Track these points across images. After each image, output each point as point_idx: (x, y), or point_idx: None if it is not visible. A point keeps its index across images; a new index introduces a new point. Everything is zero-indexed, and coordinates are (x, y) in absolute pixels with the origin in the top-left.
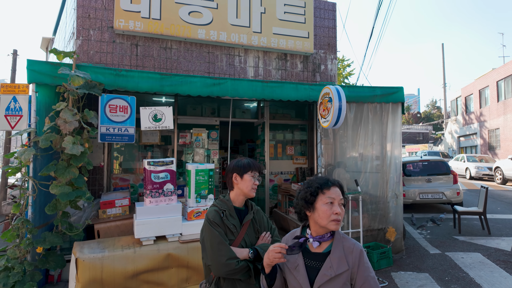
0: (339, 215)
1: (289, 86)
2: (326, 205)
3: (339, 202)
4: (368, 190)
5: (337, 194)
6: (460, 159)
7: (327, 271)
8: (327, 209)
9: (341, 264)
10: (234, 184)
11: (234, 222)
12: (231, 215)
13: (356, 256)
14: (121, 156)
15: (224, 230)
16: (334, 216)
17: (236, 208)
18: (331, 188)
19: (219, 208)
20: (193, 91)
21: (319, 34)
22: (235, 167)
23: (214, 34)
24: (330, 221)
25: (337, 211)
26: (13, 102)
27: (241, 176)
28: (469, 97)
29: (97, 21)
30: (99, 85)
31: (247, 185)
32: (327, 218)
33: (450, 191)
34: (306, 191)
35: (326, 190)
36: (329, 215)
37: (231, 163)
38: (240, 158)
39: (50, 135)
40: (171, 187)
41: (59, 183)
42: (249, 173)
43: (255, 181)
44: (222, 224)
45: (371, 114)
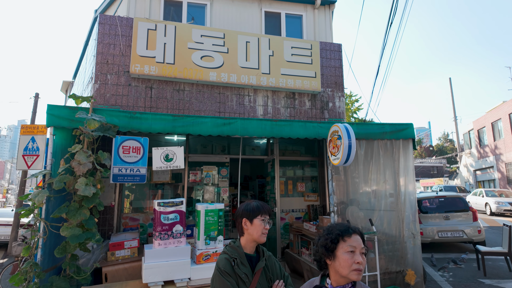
0: (360, 264)
1: (298, 124)
2: (347, 253)
3: (360, 250)
4: (383, 229)
5: (359, 242)
6: (479, 193)
7: None
8: (348, 257)
9: None
10: (244, 229)
11: (245, 270)
12: (243, 263)
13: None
14: (132, 195)
15: (235, 280)
16: (356, 266)
17: (247, 255)
18: (352, 235)
19: (230, 256)
20: (204, 131)
21: (326, 73)
22: (244, 212)
23: (225, 76)
24: (352, 270)
25: (359, 260)
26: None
27: (251, 221)
28: (481, 130)
29: (114, 66)
30: (113, 127)
31: (257, 230)
32: (348, 267)
33: (471, 229)
34: (327, 238)
35: (347, 238)
36: (350, 264)
37: (240, 207)
38: (249, 201)
39: (64, 176)
40: (180, 229)
41: (70, 225)
42: (259, 217)
43: (265, 225)
44: (233, 274)
45: (381, 151)
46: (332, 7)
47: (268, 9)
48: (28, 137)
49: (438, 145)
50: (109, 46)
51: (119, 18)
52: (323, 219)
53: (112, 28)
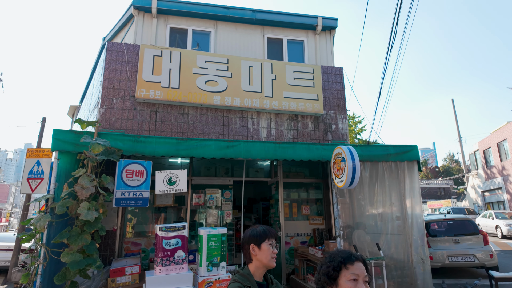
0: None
1: (301, 146)
2: (350, 282)
3: (363, 279)
4: (391, 254)
5: (362, 270)
6: (488, 216)
7: None
8: (351, 286)
9: None
10: (252, 255)
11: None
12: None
13: None
14: (134, 219)
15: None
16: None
17: (258, 283)
18: (355, 263)
19: (243, 284)
20: (208, 154)
21: (328, 96)
22: (251, 237)
23: (228, 100)
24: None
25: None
26: (36, 166)
27: (259, 246)
28: (487, 151)
29: (120, 91)
30: (117, 151)
31: (266, 255)
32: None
33: (482, 253)
34: (329, 265)
35: (350, 265)
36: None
37: (246, 233)
38: (254, 227)
39: (66, 201)
40: (182, 255)
41: (70, 251)
42: (266, 241)
43: (273, 249)
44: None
45: (386, 173)
46: (332, 32)
47: (270, 35)
48: (33, 160)
49: (444, 166)
50: (116, 71)
51: (126, 45)
52: (329, 244)
53: (119, 54)
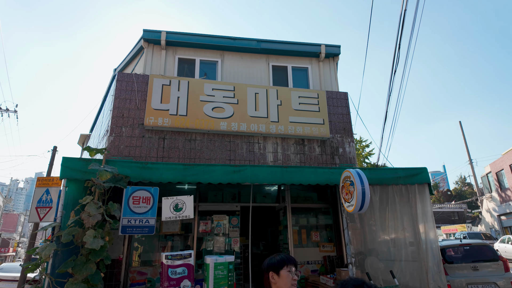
0: None
1: (308, 170)
2: None
3: None
4: (407, 281)
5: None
6: (507, 241)
7: None
8: None
9: None
10: (272, 283)
11: None
12: None
13: None
14: (141, 247)
15: None
16: None
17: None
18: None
19: None
20: (214, 179)
21: (334, 120)
22: (270, 265)
23: (235, 126)
24: None
25: None
26: (45, 195)
27: (278, 274)
28: (500, 173)
29: (129, 119)
30: (125, 178)
31: (285, 282)
32: None
33: (503, 280)
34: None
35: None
36: None
37: (265, 262)
38: (273, 256)
39: (73, 229)
40: (189, 284)
41: (75, 281)
42: (285, 268)
43: (293, 276)
44: None
45: (397, 197)
46: (336, 59)
47: (275, 63)
48: (43, 189)
49: (456, 189)
50: (125, 101)
51: (135, 75)
52: (340, 272)
53: (128, 84)
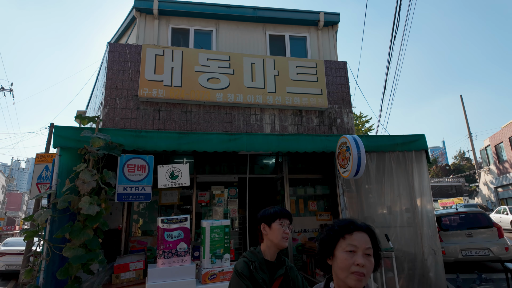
0: (362, 267)
1: (305, 138)
2: (346, 253)
3: (364, 251)
4: (402, 246)
5: (362, 241)
6: (503, 211)
7: None
8: (346, 257)
9: None
10: (264, 235)
11: (264, 276)
12: (262, 268)
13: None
14: (141, 219)
15: (252, 284)
16: (355, 268)
17: (267, 262)
18: (354, 233)
19: (249, 260)
20: (210, 147)
21: (332, 90)
22: (262, 217)
23: (231, 97)
24: (350, 273)
25: (359, 261)
26: (45, 171)
27: (269, 226)
28: (499, 146)
29: (123, 91)
30: (119, 146)
31: (276, 234)
32: (346, 269)
33: (497, 246)
34: (326, 234)
35: (348, 235)
36: (348, 266)
37: (259, 214)
38: (268, 208)
39: (68, 196)
40: (185, 247)
41: (72, 245)
42: (277, 221)
43: (285, 230)
44: (251, 277)
45: (394, 163)
46: (335, 27)
47: (272, 32)
48: (42, 166)
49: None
50: (118, 72)
51: (128, 46)
52: None
53: (121, 55)
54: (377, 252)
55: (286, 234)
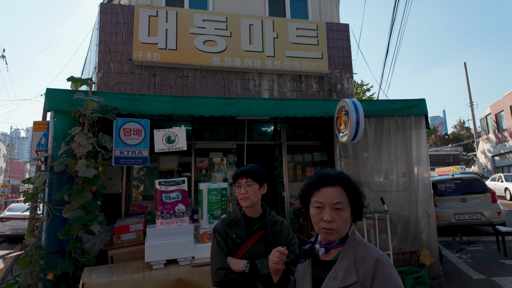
0: (328, 222)
1: (303, 102)
2: (315, 209)
3: (332, 206)
4: (396, 210)
5: (329, 196)
6: (498, 179)
7: (330, 282)
8: (314, 214)
9: (348, 275)
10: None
11: (238, 231)
12: (238, 224)
13: (370, 266)
14: (141, 185)
15: (225, 239)
16: (323, 224)
17: (247, 218)
18: (320, 189)
19: (227, 217)
20: (206, 112)
21: (333, 54)
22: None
23: (228, 61)
24: (320, 228)
25: (326, 217)
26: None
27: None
28: (499, 114)
29: (117, 55)
30: (114, 109)
31: (238, 194)
32: (317, 224)
33: (490, 211)
34: (301, 192)
35: (316, 192)
36: (317, 222)
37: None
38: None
39: (65, 159)
40: (183, 208)
41: (72, 207)
42: (236, 184)
43: (241, 191)
44: (224, 233)
45: (392, 128)
46: None
47: None
48: (40, 133)
49: (453, 133)
50: (111, 34)
51: (120, 6)
52: None
53: (113, 16)
54: (355, 202)
55: (242, 195)
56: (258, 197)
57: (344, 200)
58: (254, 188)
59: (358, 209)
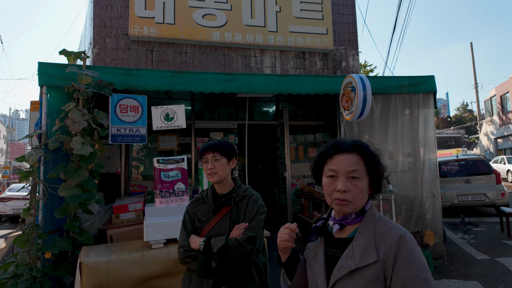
0: (342, 193)
1: (307, 79)
2: (327, 178)
3: (347, 175)
4: (401, 190)
5: (344, 164)
6: (500, 161)
7: (346, 261)
8: (327, 183)
9: (366, 254)
10: None
11: (204, 209)
12: (205, 201)
13: (392, 244)
14: (141, 165)
15: (192, 218)
16: (336, 195)
17: (215, 195)
18: (334, 157)
19: (198, 195)
20: (206, 88)
21: (338, 30)
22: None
23: (228, 36)
24: (333, 200)
25: (340, 187)
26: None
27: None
28: (504, 96)
29: (112, 29)
30: (109, 85)
31: (205, 171)
32: (330, 195)
33: (493, 192)
34: (313, 162)
35: (329, 160)
36: (330, 192)
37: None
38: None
39: (59, 136)
40: (183, 186)
41: (68, 185)
42: (203, 159)
43: (208, 166)
44: (192, 212)
45: (400, 106)
46: None
47: None
48: (37, 113)
49: (456, 115)
50: (106, 7)
51: None
52: None
53: None
54: (374, 172)
55: (209, 170)
56: (227, 172)
57: (361, 168)
58: (221, 163)
59: (377, 180)
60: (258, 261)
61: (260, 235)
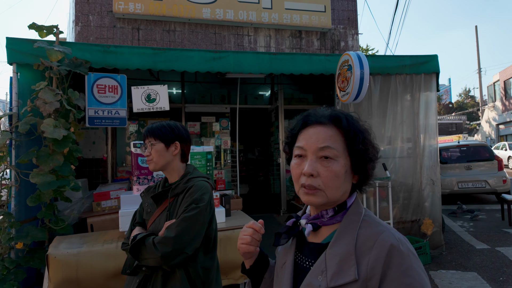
0: (309, 177)
1: (301, 57)
2: (295, 159)
3: (316, 153)
4: (398, 177)
5: (314, 138)
6: (501, 147)
7: (315, 278)
8: (294, 166)
9: (343, 269)
10: None
11: (149, 201)
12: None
13: (379, 256)
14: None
15: (142, 209)
16: (302, 179)
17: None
18: (304, 130)
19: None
20: (191, 67)
21: (337, 7)
22: None
23: (220, 13)
24: (300, 187)
25: (305, 170)
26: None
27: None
28: (508, 81)
29: (96, 6)
30: (85, 63)
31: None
32: (297, 181)
33: (495, 179)
34: (285, 136)
35: (300, 135)
36: (297, 178)
37: None
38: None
39: (30, 118)
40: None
41: (40, 171)
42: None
43: (145, 153)
44: (142, 201)
45: (400, 87)
46: None
47: None
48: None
49: (458, 101)
50: None
51: None
52: None
53: None
54: (357, 151)
55: (146, 156)
56: (167, 159)
57: (337, 145)
58: (156, 149)
59: (361, 164)
60: (194, 266)
61: (193, 236)
